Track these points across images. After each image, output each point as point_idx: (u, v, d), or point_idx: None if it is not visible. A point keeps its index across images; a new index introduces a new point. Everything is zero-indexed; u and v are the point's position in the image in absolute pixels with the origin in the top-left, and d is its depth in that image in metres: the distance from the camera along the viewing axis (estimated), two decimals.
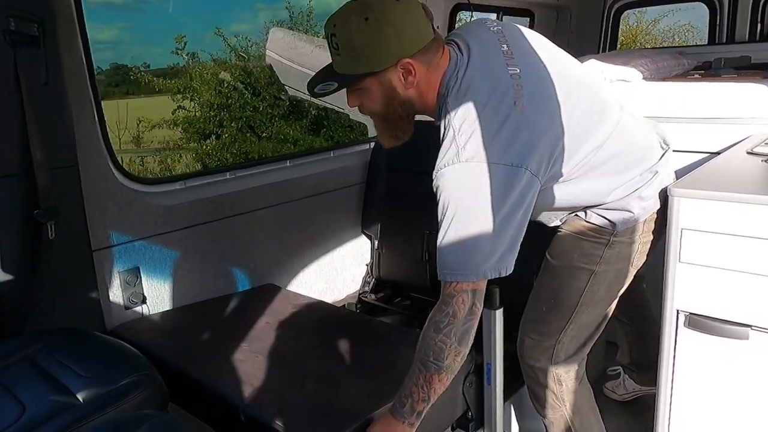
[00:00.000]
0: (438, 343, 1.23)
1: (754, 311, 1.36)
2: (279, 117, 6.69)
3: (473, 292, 1.23)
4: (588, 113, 1.37)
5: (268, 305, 2.03)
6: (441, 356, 1.23)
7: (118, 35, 9.21)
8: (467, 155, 1.22)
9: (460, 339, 1.23)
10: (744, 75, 2.28)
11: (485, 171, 1.21)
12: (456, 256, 1.22)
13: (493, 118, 1.24)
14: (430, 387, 1.26)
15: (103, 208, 1.85)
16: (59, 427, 1.22)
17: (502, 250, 1.23)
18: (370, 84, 1.30)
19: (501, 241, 1.22)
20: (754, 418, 1.41)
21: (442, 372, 1.24)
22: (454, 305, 1.22)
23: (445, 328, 1.22)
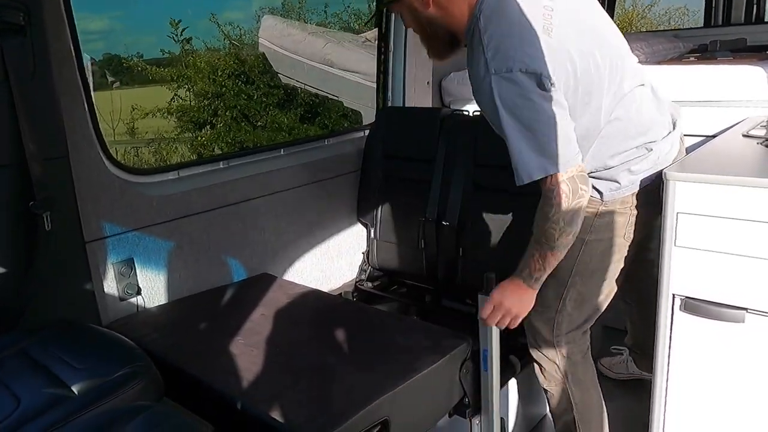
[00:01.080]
0: (548, 229, 1.38)
1: (749, 294, 1.36)
2: (273, 105, 6.65)
3: (570, 180, 1.35)
4: (607, 71, 1.43)
5: (263, 295, 2.03)
6: (552, 238, 1.39)
7: (109, 25, 9.11)
8: (495, 66, 1.32)
9: (569, 222, 1.37)
10: (740, 57, 2.27)
11: (516, 80, 1.30)
12: (520, 158, 1.34)
13: (520, 33, 1.33)
14: (545, 261, 1.44)
15: (96, 199, 1.83)
16: (54, 419, 1.21)
17: (554, 140, 1.32)
18: (399, 8, 1.50)
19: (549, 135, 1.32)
20: (750, 401, 1.42)
21: (555, 250, 1.42)
22: (556, 197, 1.35)
23: (552, 217, 1.36)
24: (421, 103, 2.85)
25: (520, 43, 1.33)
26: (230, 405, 1.44)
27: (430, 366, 1.54)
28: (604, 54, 1.44)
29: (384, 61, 2.79)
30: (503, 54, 1.32)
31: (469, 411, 1.70)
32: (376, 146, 2.58)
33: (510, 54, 1.32)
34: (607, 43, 1.48)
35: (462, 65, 2.89)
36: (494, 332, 1.58)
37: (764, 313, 1.35)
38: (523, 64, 1.31)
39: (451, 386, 1.63)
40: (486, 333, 1.59)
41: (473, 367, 1.65)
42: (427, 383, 1.54)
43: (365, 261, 2.65)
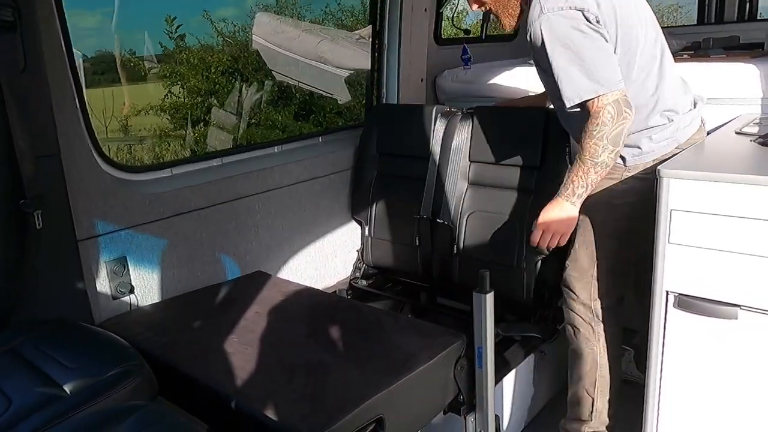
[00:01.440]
0: (592, 146, 1.53)
1: (742, 291, 1.36)
2: (267, 103, 6.62)
3: (615, 103, 1.49)
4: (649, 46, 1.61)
5: (258, 293, 2.02)
6: (596, 155, 1.53)
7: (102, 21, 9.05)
8: (548, 7, 1.50)
9: (613, 140, 1.52)
10: (733, 55, 2.27)
11: (567, 16, 1.49)
12: (571, 82, 1.51)
13: None
14: (587, 177, 1.57)
15: (88, 197, 1.82)
16: (46, 419, 1.21)
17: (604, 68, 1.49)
18: None
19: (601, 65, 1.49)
20: (743, 397, 1.42)
21: (598, 166, 1.55)
22: (601, 117, 1.50)
23: (597, 134, 1.51)
24: (414, 100, 2.85)
25: None
26: (224, 404, 1.44)
27: (425, 364, 1.54)
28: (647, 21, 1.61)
29: (378, 58, 2.79)
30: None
31: (464, 408, 1.70)
32: (370, 144, 2.57)
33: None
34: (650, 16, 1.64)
35: (456, 63, 2.91)
36: (489, 330, 1.58)
37: (757, 310, 1.36)
38: (572, 2, 1.48)
39: (445, 384, 1.63)
40: (480, 331, 1.59)
41: (468, 364, 1.65)
42: (421, 381, 1.54)
43: (360, 259, 2.64)
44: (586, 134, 1.53)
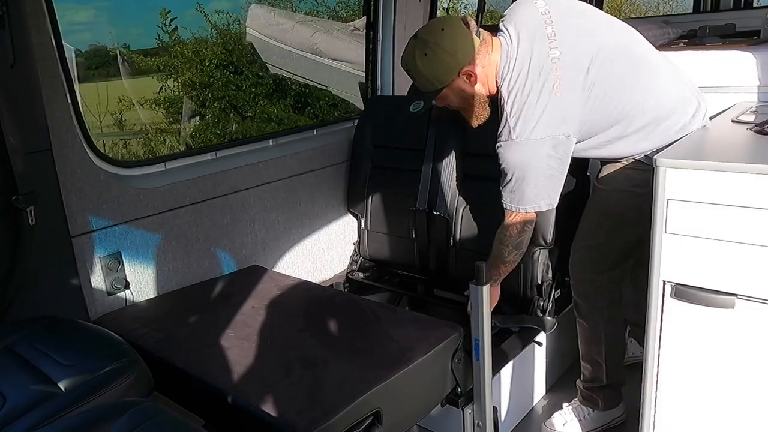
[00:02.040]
0: (501, 249, 1.78)
1: (740, 280, 1.36)
2: (262, 96, 6.59)
3: (522, 222, 1.72)
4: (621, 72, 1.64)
5: (254, 288, 2.01)
6: (503, 256, 1.79)
7: (95, 15, 8.98)
8: (517, 134, 1.60)
9: (516, 246, 1.77)
10: (729, 43, 2.26)
11: (531, 146, 1.60)
12: (513, 198, 1.68)
13: (536, 103, 1.59)
14: (499, 271, 1.83)
15: (81, 192, 1.80)
16: (41, 416, 1.20)
17: (548, 193, 1.66)
18: (445, 93, 1.70)
19: (548, 188, 1.66)
20: (741, 387, 1.42)
21: (506, 263, 1.81)
22: (510, 229, 1.73)
23: (505, 241, 1.76)
24: None
25: (535, 111, 1.59)
26: (221, 399, 1.43)
27: (422, 356, 1.54)
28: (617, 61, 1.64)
29: (373, 49, 2.77)
30: (522, 123, 1.59)
31: (462, 401, 1.70)
32: (365, 136, 2.56)
33: (528, 123, 1.59)
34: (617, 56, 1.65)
35: None
36: (486, 322, 1.58)
37: (754, 299, 1.35)
38: (538, 131, 1.58)
39: (443, 376, 1.63)
40: (477, 323, 1.59)
41: (465, 356, 1.65)
42: (419, 374, 1.54)
43: (356, 251, 2.64)
44: (497, 239, 1.78)
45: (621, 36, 1.72)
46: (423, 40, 1.63)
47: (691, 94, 1.73)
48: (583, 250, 1.90)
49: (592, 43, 1.64)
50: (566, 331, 2.18)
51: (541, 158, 1.61)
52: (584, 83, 1.61)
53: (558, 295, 2.10)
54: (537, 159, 1.61)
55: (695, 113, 1.70)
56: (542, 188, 1.65)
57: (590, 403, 2.00)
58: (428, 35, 1.63)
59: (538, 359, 2.16)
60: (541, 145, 1.60)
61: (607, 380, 1.97)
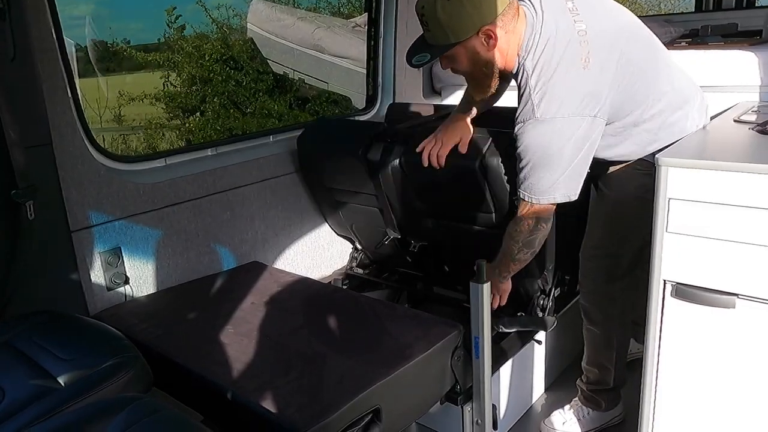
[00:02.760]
0: (511, 246, 1.64)
1: (740, 280, 1.35)
2: (263, 92, 6.58)
3: (536, 216, 1.58)
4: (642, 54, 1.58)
5: (253, 284, 2.01)
6: (513, 253, 1.66)
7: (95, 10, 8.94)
8: (541, 112, 1.45)
9: (527, 244, 1.63)
10: (731, 43, 2.26)
11: (556, 126, 1.45)
12: (526, 186, 1.54)
13: (564, 78, 1.46)
14: (509, 268, 1.71)
15: (81, 187, 1.80)
16: (40, 411, 1.20)
17: (568, 183, 1.52)
18: (457, 51, 1.51)
19: (569, 176, 1.51)
20: (741, 387, 1.42)
21: (515, 261, 1.68)
22: (521, 224, 1.60)
23: (515, 237, 1.62)
24: (411, 88, 2.83)
25: (562, 87, 1.46)
26: (220, 395, 1.43)
27: (422, 354, 1.54)
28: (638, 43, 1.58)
29: (374, 46, 2.76)
30: (548, 100, 1.45)
31: (461, 398, 1.70)
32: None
33: (554, 100, 1.45)
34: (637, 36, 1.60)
35: None
36: (486, 320, 1.58)
37: (755, 299, 1.35)
38: (564, 109, 1.45)
39: (442, 374, 1.63)
40: (477, 321, 1.59)
41: (465, 354, 1.65)
42: (418, 371, 1.54)
43: (356, 248, 2.63)
44: (507, 233, 1.65)
45: (636, 20, 1.65)
46: None
47: (696, 88, 1.72)
48: (597, 258, 1.82)
49: (615, 22, 1.55)
50: (566, 330, 2.18)
51: (565, 141, 1.46)
52: (614, 59, 1.49)
53: (558, 294, 2.09)
54: (560, 141, 1.46)
55: (700, 107, 1.69)
56: (561, 177, 1.50)
57: (592, 404, 1.99)
58: None
59: (537, 357, 2.16)
60: (567, 125, 1.45)
61: (614, 383, 1.95)
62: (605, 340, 1.91)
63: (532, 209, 1.56)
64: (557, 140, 1.46)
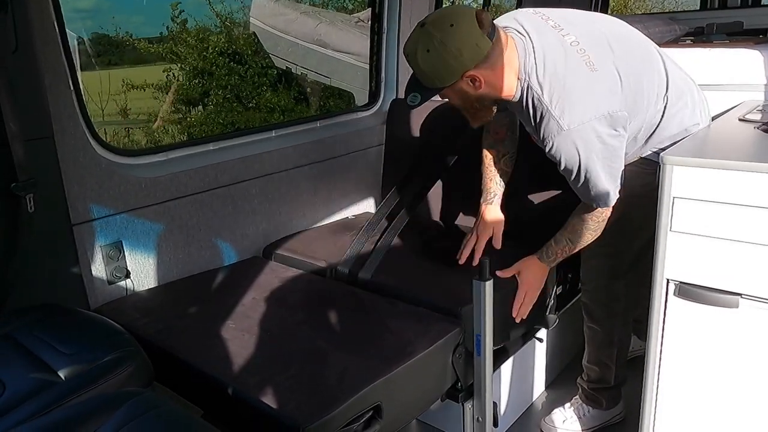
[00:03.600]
0: (586, 235, 1.68)
1: (744, 280, 1.35)
2: (266, 86, 6.57)
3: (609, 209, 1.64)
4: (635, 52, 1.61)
5: (255, 279, 2.01)
6: (586, 241, 1.70)
7: (97, 3, 8.92)
8: (567, 123, 1.47)
9: (594, 232, 1.68)
10: (736, 41, 2.24)
11: (584, 131, 1.48)
12: (601, 194, 1.58)
13: (576, 84, 1.49)
14: (567, 252, 1.74)
15: (82, 180, 1.79)
16: (40, 405, 1.19)
17: (614, 183, 1.58)
18: (446, 92, 1.56)
19: (613, 175, 1.57)
20: (743, 387, 1.42)
21: (583, 245, 1.72)
22: (598, 216, 1.64)
23: (593, 227, 1.67)
24: None
25: (578, 94, 1.48)
26: (221, 390, 1.43)
27: (423, 351, 1.54)
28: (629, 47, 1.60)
29: (378, 42, 2.75)
30: (569, 110, 1.47)
31: (462, 395, 1.69)
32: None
33: (575, 108, 1.47)
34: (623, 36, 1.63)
35: None
36: (488, 317, 1.57)
37: (758, 299, 1.34)
38: (588, 114, 1.47)
39: (443, 371, 1.62)
40: (479, 318, 1.58)
41: (466, 352, 1.64)
42: (419, 368, 1.53)
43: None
44: (584, 224, 1.67)
45: (615, 21, 1.69)
46: (428, 34, 1.45)
47: (689, 80, 1.74)
48: (600, 257, 1.83)
49: (596, 27, 1.59)
50: (567, 328, 2.18)
51: (601, 141, 1.49)
52: (611, 60, 1.52)
53: (560, 292, 2.09)
54: (596, 143, 1.48)
55: (698, 98, 1.71)
56: (612, 173, 1.55)
57: (593, 402, 2.00)
58: (435, 29, 1.45)
59: (538, 355, 2.16)
60: (596, 126, 1.47)
61: (615, 381, 1.96)
62: (607, 338, 1.91)
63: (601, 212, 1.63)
64: (593, 143, 1.48)
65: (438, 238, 2.26)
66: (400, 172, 2.52)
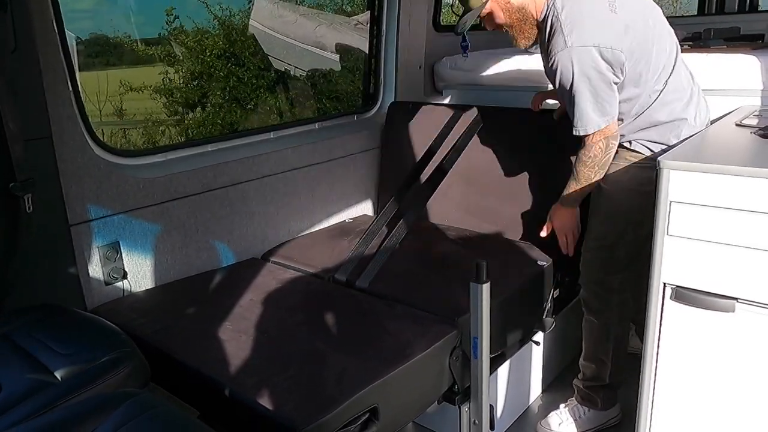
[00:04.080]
0: (586, 172, 1.78)
1: (740, 284, 1.35)
2: (264, 88, 6.57)
3: (605, 139, 1.71)
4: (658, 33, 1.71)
5: (252, 280, 2.01)
6: (590, 178, 1.79)
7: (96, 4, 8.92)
8: (572, 41, 1.61)
9: (602, 166, 1.77)
10: (733, 46, 2.25)
11: (584, 53, 1.61)
12: (582, 116, 1.68)
13: (592, 13, 1.64)
14: (582, 192, 1.84)
15: (80, 181, 1.79)
16: (36, 406, 1.19)
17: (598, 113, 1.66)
18: (493, 6, 1.74)
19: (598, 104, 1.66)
20: (739, 391, 1.42)
21: (591, 184, 1.80)
22: (593, 150, 1.73)
23: (590, 163, 1.75)
24: (413, 87, 2.82)
25: (591, 22, 1.63)
26: (218, 391, 1.43)
27: (420, 353, 1.54)
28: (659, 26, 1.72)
29: (376, 44, 2.76)
30: (579, 31, 1.61)
31: (459, 398, 1.70)
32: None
33: (584, 31, 1.61)
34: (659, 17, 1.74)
35: (455, 50, 2.87)
36: (485, 320, 1.57)
37: (755, 303, 1.35)
38: (594, 40, 1.60)
39: (440, 374, 1.62)
40: (476, 321, 1.58)
41: (463, 354, 1.65)
42: (416, 370, 1.53)
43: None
44: (579, 161, 1.77)
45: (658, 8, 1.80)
46: None
47: (693, 81, 1.82)
48: (594, 251, 1.89)
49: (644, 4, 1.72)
50: (563, 331, 2.18)
51: (596, 69, 1.62)
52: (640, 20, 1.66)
53: (557, 295, 2.09)
54: (591, 69, 1.61)
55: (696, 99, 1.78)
56: (598, 102, 1.65)
57: (589, 402, 2.00)
58: None
59: (535, 358, 2.16)
60: (595, 54, 1.60)
61: (609, 380, 1.97)
62: (603, 331, 1.93)
63: (598, 135, 1.70)
64: (588, 65, 1.61)
65: (435, 243, 2.27)
66: (398, 175, 2.53)
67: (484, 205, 2.33)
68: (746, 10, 3.53)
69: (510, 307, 1.85)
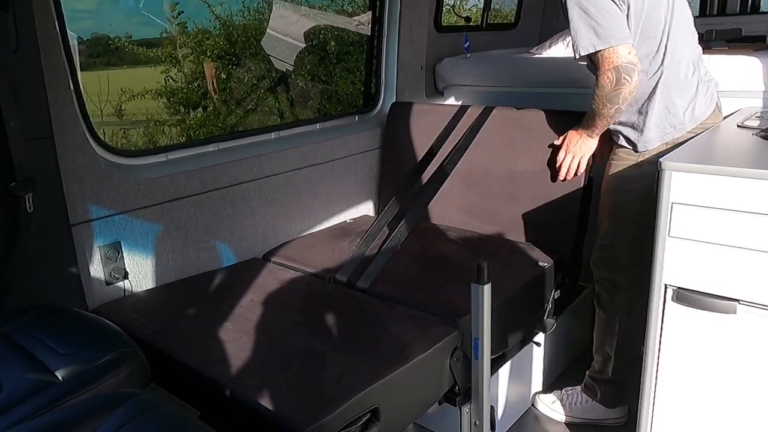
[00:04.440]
0: (597, 102, 1.75)
1: (742, 286, 1.35)
2: (265, 89, 6.57)
3: (615, 69, 1.65)
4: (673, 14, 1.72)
5: (253, 281, 2.00)
6: (598, 109, 1.76)
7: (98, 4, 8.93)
8: None
9: (611, 100, 1.71)
10: (735, 48, 2.25)
11: None
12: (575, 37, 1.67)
13: None
14: (596, 124, 1.83)
15: (81, 181, 1.79)
16: (37, 405, 1.19)
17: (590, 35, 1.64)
18: None
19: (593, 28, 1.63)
20: (740, 393, 1.42)
21: (603, 118, 1.78)
22: (601, 80, 1.69)
23: (598, 94, 1.72)
24: (414, 88, 2.82)
25: None
26: (218, 392, 1.42)
27: (421, 354, 1.54)
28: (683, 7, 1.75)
29: (377, 45, 2.76)
30: None
31: (459, 399, 1.69)
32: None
33: None
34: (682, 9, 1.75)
35: (456, 51, 2.87)
36: (486, 321, 1.57)
37: (756, 305, 1.35)
38: None
39: (441, 375, 1.62)
40: (477, 322, 1.58)
41: (464, 355, 1.64)
42: (417, 371, 1.53)
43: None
44: (594, 94, 1.75)
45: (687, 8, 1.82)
46: None
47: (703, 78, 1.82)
48: (599, 249, 1.93)
49: None
50: (564, 333, 2.18)
51: None
52: None
53: (557, 296, 2.09)
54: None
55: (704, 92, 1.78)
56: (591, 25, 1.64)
57: (589, 392, 2.03)
58: None
59: (536, 359, 2.16)
60: None
61: (612, 375, 1.98)
62: (609, 324, 1.95)
63: (607, 64, 1.65)
64: None
65: (436, 244, 2.27)
66: (399, 175, 2.53)
67: (486, 206, 2.32)
68: (748, 11, 3.53)
69: (511, 308, 1.85)
